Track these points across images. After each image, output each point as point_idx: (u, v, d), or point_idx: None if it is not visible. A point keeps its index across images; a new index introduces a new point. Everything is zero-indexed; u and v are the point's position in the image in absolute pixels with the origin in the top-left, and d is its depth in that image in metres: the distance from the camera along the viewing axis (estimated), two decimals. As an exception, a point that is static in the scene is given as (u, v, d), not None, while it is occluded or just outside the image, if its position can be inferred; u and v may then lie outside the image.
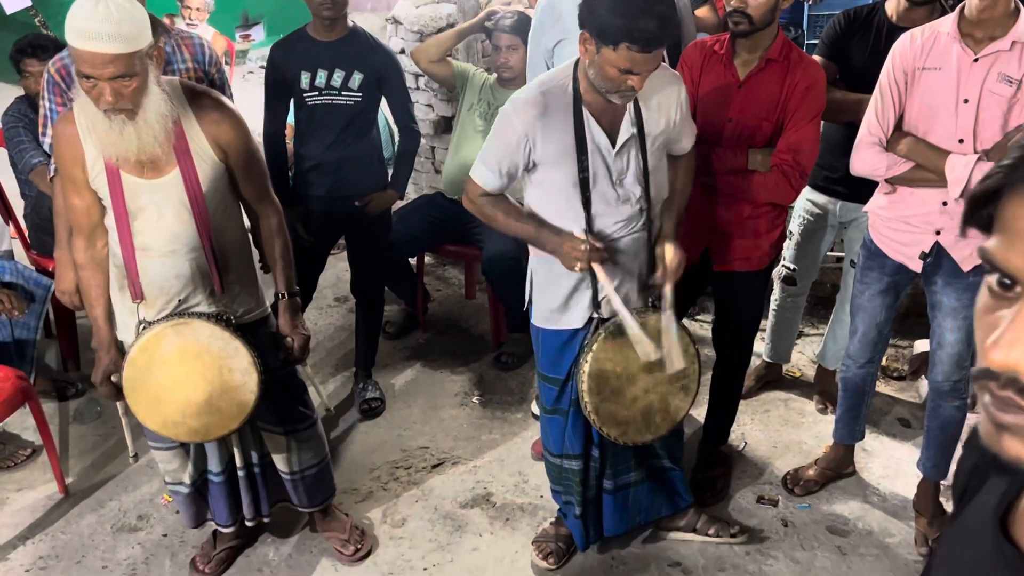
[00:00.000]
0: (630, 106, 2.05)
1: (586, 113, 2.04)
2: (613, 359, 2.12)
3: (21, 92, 3.41)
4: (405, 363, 3.63)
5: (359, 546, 2.56)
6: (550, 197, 2.12)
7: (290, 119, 3.11)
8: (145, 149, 1.89)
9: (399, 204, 3.48)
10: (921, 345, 3.37)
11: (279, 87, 2.96)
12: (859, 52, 2.61)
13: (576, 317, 2.21)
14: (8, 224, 3.72)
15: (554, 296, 2.21)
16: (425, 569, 2.54)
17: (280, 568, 2.55)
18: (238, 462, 2.38)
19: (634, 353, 2.11)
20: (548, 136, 2.03)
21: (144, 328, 2.08)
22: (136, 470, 2.97)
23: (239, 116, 2.10)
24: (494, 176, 2.10)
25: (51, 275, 3.32)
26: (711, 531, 2.57)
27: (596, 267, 2.04)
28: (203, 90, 2.09)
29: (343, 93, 2.93)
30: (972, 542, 0.72)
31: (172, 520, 2.73)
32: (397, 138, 3.25)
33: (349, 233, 3.21)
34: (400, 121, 3.14)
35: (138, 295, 2.09)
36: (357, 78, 2.91)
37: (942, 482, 2.58)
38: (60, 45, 2.92)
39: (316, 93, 2.92)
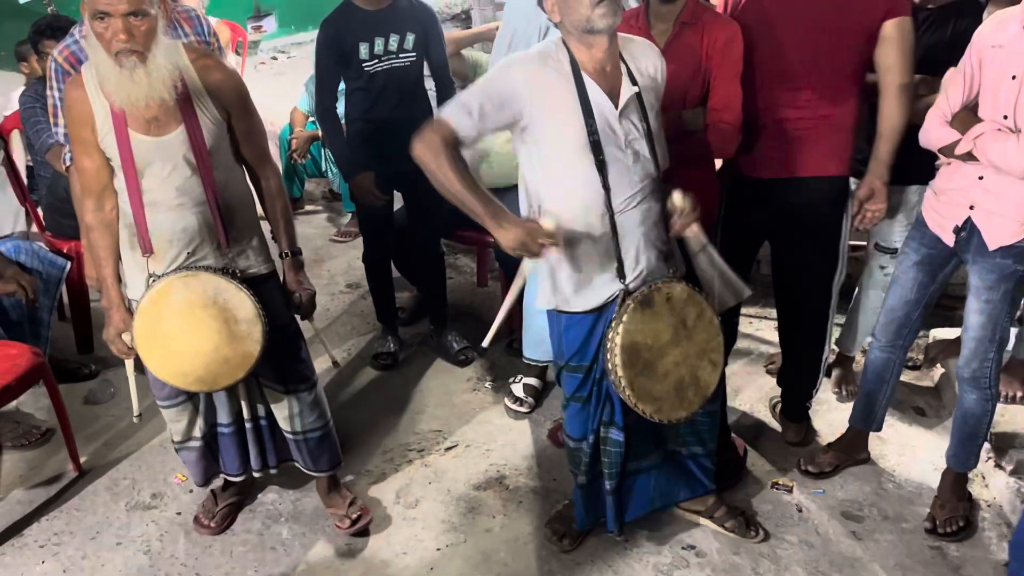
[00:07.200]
0: (625, 71, 2.05)
1: (585, 76, 2.01)
2: (643, 331, 2.06)
3: (23, 82, 3.43)
4: (418, 348, 3.63)
5: (355, 518, 2.57)
6: (559, 164, 2.05)
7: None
8: (154, 95, 1.97)
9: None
10: (937, 334, 3.35)
11: (334, 62, 3.05)
12: None
13: (602, 293, 2.14)
14: (24, 206, 3.73)
15: (577, 275, 2.13)
16: (438, 549, 2.53)
17: (293, 547, 2.55)
18: (245, 415, 2.46)
19: (662, 324, 2.08)
20: (550, 95, 2.00)
21: (154, 281, 2.15)
22: (150, 449, 2.98)
23: (240, 78, 2.19)
24: (467, 118, 1.99)
25: (65, 256, 3.33)
26: (728, 524, 2.53)
27: (554, 251, 2.05)
28: (204, 51, 2.18)
29: (401, 56, 3.04)
30: None
31: (186, 499, 2.74)
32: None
33: (408, 187, 3.31)
34: (440, 75, 3.20)
35: (148, 249, 2.16)
36: (410, 38, 3.03)
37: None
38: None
39: (376, 61, 3.01)
